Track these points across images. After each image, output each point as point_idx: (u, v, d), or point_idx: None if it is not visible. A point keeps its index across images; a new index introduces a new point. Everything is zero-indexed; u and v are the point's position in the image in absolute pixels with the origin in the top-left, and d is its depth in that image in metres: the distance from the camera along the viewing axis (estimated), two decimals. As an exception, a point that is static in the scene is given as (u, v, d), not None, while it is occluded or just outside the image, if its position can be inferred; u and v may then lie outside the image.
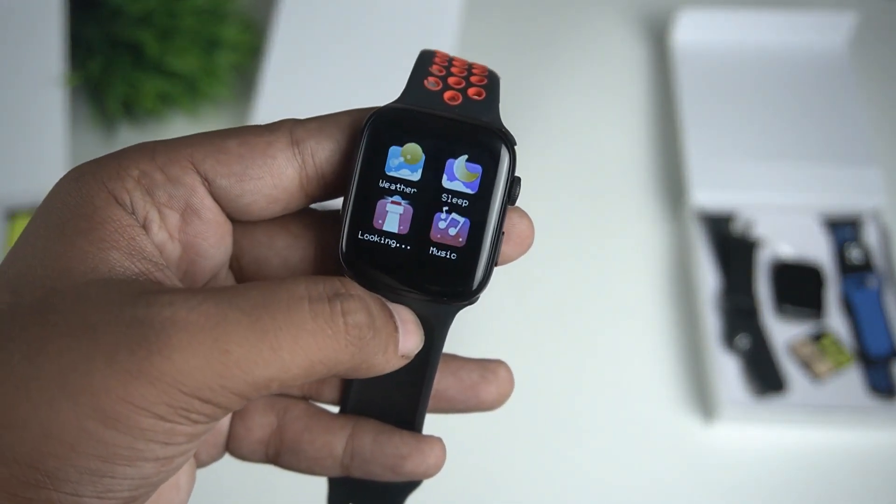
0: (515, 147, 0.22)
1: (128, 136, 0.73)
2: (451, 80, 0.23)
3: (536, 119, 0.75)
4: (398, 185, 0.22)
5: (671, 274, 0.67)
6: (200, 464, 0.25)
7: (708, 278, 0.64)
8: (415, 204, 0.22)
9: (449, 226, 0.22)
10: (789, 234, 0.67)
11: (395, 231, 0.22)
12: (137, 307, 0.17)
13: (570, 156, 0.73)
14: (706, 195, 0.67)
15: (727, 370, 0.61)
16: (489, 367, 0.26)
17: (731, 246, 0.65)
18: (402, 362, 0.21)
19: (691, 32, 0.74)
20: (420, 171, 0.22)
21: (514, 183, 0.22)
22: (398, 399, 0.25)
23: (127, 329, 0.17)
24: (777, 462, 0.60)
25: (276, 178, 0.22)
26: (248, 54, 0.74)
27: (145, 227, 0.21)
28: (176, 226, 0.21)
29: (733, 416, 0.60)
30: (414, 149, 0.22)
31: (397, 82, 0.25)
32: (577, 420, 0.62)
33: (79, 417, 0.17)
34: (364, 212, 0.22)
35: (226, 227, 0.22)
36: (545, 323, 0.65)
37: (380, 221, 0.22)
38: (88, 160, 0.21)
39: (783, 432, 0.61)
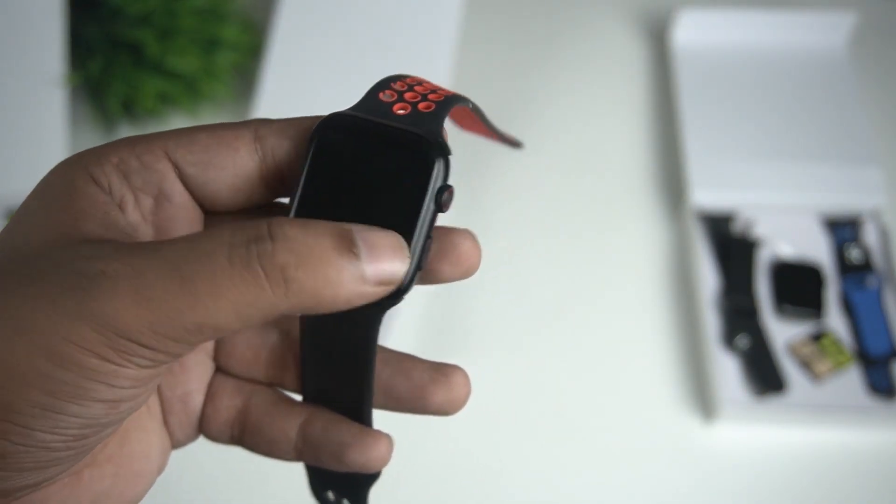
0: (450, 157, 0.22)
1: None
2: (407, 94, 0.24)
3: (536, 119, 0.75)
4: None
5: (671, 274, 0.67)
6: (176, 443, 0.26)
7: (708, 278, 0.64)
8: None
9: None
10: (789, 234, 0.67)
11: None
12: (80, 260, 0.19)
13: (569, 155, 0.73)
14: (706, 195, 0.67)
15: (727, 370, 0.61)
16: (442, 370, 0.26)
17: (731, 246, 0.65)
18: (379, 289, 0.21)
19: (691, 32, 0.74)
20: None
21: (442, 191, 0.22)
22: (346, 391, 0.26)
23: (68, 276, 0.19)
24: (777, 462, 0.60)
25: (237, 169, 0.23)
26: (248, 54, 0.74)
27: (121, 207, 0.22)
28: (149, 209, 0.23)
29: (733, 416, 0.60)
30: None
31: None
32: (577, 420, 0.62)
33: (30, 354, 0.18)
34: (306, 210, 0.23)
35: (195, 213, 0.24)
36: (545, 323, 0.65)
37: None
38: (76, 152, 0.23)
39: (783, 432, 0.61)
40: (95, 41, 0.69)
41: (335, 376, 0.25)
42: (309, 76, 0.70)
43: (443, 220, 0.24)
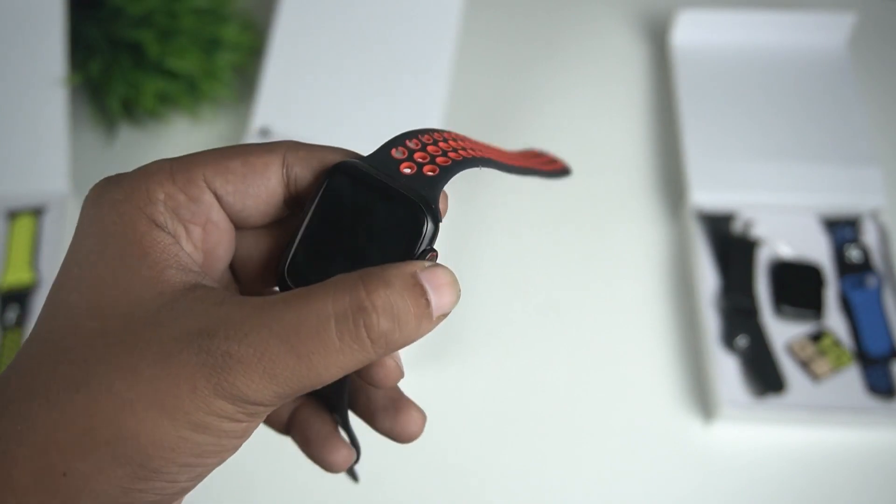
0: (439, 223, 0.24)
1: (128, 136, 0.74)
2: (418, 154, 0.26)
3: (536, 119, 0.75)
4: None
5: (671, 274, 0.67)
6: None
7: (708, 278, 0.64)
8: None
9: None
10: (789, 234, 0.67)
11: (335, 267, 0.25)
12: (202, 339, 0.22)
13: (569, 156, 0.73)
14: (706, 195, 0.67)
15: (727, 370, 0.61)
16: (397, 402, 0.29)
17: (731, 246, 0.65)
18: (440, 322, 0.24)
19: (691, 32, 0.74)
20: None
21: (425, 253, 0.24)
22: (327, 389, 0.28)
23: (197, 358, 0.21)
24: (777, 462, 0.60)
25: (269, 196, 0.26)
26: (248, 54, 0.74)
27: (176, 240, 0.24)
28: (199, 237, 0.25)
29: (733, 416, 0.60)
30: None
31: (397, 82, 0.26)
32: (577, 420, 0.62)
33: (177, 429, 0.21)
34: (308, 244, 0.25)
35: (232, 233, 0.26)
36: (545, 322, 0.65)
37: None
38: (110, 182, 0.24)
39: (783, 432, 0.61)
40: (96, 41, 0.69)
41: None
42: (309, 76, 0.70)
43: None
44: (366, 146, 0.27)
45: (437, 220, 0.24)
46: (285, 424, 0.30)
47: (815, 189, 0.68)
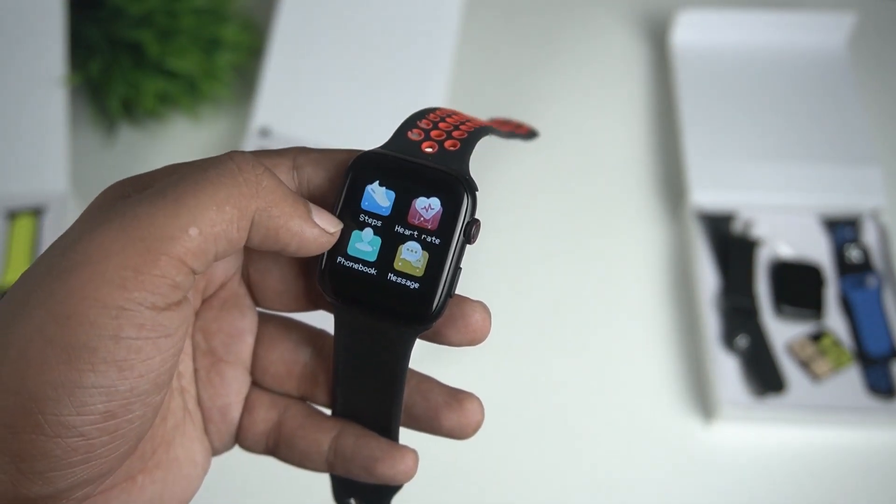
0: (476, 193, 0.25)
1: (128, 136, 0.73)
2: (433, 132, 0.26)
3: (536, 119, 0.75)
4: (371, 219, 0.25)
5: (671, 274, 0.67)
6: (215, 451, 0.28)
7: (708, 278, 0.64)
8: (383, 236, 0.25)
9: (410, 257, 0.25)
10: (789, 234, 0.67)
11: (365, 258, 0.25)
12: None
13: (569, 156, 0.73)
14: (706, 195, 0.67)
15: (727, 370, 0.61)
16: (457, 395, 0.28)
17: (731, 246, 0.65)
18: (326, 236, 0.25)
19: (691, 32, 0.74)
20: (390, 208, 0.25)
21: (471, 224, 0.25)
22: (376, 408, 0.27)
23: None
24: (777, 462, 0.60)
25: None
26: (248, 54, 0.74)
27: None
28: None
29: (733, 416, 0.60)
30: (384, 189, 0.25)
31: (397, 82, 0.26)
32: (577, 420, 0.62)
33: (39, 327, 0.21)
34: (341, 239, 0.25)
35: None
36: (545, 323, 0.65)
37: (354, 249, 0.25)
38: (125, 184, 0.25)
39: (783, 432, 0.61)
40: (95, 41, 0.69)
41: (367, 393, 0.27)
42: (309, 76, 0.70)
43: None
44: (366, 146, 0.27)
45: (474, 190, 0.25)
46: (329, 461, 0.28)
47: (815, 189, 0.68)
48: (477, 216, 0.25)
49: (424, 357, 0.64)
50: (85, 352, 0.21)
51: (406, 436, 0.29)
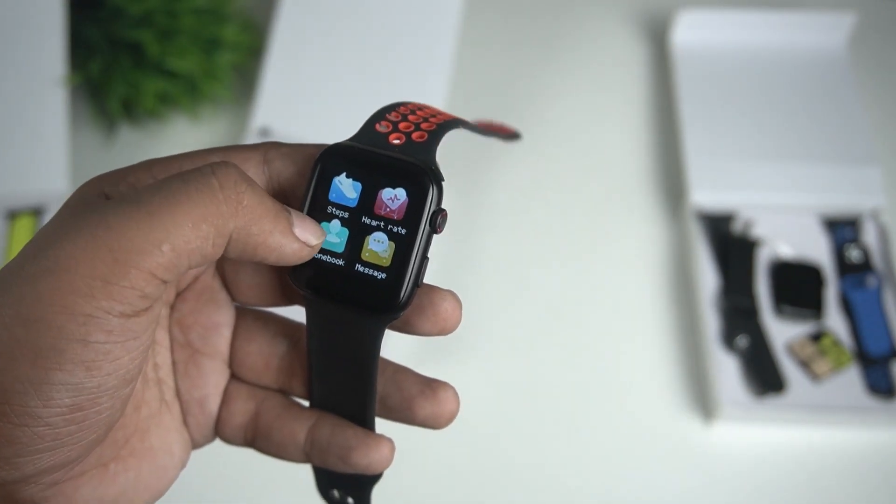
0: (442, 183, 0.25)
1: (128, 136, 0.73)
2: (402, 125, 0.26)
3: (536, 119, 0.75)
4: (338, 211, 0.25)
5: (671, 274, 0.67)
6: (194, 444, 0.29)
7: (708, 278, 0.64)
8: (351, 227, 0.25)
9: (377, 248, 0.25)
10: (789, 234, 0.67)
11: (334, 250, 0.25)
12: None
13: (569, 156, 0.73)
14: (706, 195, 0.67)
15: (727, 370, 0.61)
16: (431, 384, 0.27)
17: (731, 246, 0.65)
18: (307, 249, 0.24)
19: (691, 32, 0.74)
20: (357, 199, 0.25)
21: (437, 214, 0.25)
22: (350, 398, 0.27)
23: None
24: (777, 462, 0.60)
25: None
26: (248, 54, 0.74)
27: None
28: None
29: (733, 416, 0.60)
30: (351, 180, 0.25)
31: (396, 83, 0.26)
32: (577, 420, 0.62)
33: (7, 327, 0.21)
34: None
35: None
36: (545, 323, 0.65)
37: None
38: (102, 180, 0.25)
39: (783, 432, 0.61)
40: (95, 41, 0.69)
41: (340, 384, 0.27)
42: (309, 76, 0.70)
43: (446, 231, 0.24)
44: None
45: (440, 180, 0.25)
46: (305, 452, 0.28)
47: (815, 189, 0.68)
48: (476, 215, 0.25)
49: (425, 358, 0.64)
50: (53, 353, 0.21)
51: (406, 434, 0.29)
